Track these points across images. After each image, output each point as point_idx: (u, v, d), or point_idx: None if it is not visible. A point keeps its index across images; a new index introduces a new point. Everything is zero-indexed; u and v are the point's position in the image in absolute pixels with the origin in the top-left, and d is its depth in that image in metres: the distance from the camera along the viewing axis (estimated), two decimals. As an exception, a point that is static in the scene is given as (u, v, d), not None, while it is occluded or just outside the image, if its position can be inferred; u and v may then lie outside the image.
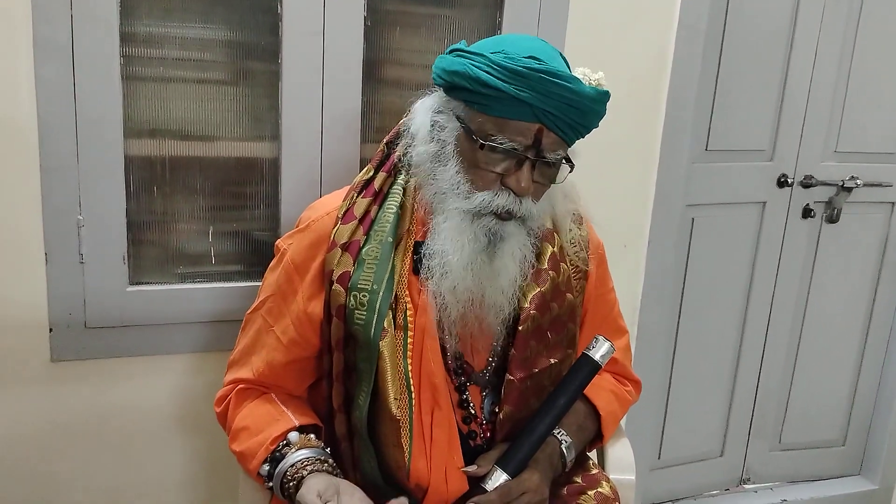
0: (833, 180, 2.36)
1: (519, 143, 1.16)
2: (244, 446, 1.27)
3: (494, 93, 1.14)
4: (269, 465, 1.24)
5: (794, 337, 2.53)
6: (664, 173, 2.02)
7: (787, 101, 2.26)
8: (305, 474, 1.19)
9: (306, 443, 1.25)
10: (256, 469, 1.25)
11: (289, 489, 1.20)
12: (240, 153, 1.64)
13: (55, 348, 1.57)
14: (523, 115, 1.15)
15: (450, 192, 1.20)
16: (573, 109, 1.16)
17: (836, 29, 2.25)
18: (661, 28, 1.92)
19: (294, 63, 1.59)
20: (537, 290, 1.29)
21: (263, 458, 1.24)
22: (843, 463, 2.73)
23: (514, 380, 1.28)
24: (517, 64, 1.13)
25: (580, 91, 1.15)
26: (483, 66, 1.15)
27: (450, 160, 1.21)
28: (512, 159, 1.18)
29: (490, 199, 1.19)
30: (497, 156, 1.18)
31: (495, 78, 1.14)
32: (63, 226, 1.51)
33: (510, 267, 1.23)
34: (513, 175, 1.18)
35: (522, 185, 1.18)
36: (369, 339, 1.21)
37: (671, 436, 2.42)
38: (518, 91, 1.13)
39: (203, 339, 1.67)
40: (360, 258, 1.23)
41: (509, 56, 1.15)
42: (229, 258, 1.69)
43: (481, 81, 1.14)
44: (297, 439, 1.25)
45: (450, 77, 1.19)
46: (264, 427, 1.26)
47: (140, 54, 1.51)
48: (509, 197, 1.19)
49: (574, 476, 1.40)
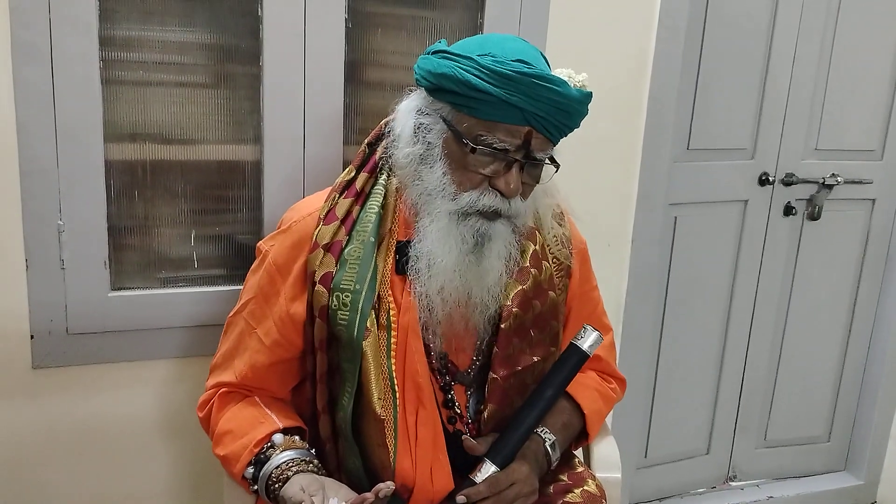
0: (814, 178, 2.38)
1: (509, 145, 1.17)
2: (228, 450, 1.26)
3: (484, 96, 1.14)
4: (254, 468, 1.23)
5: (777, 334, 2.54)
6: (646, 172, 2.03)
7: (768, 99, 2.27)
8: (291, 475, 1.19)
9: (291, 444, 1.25)
10: (241, 472, 1.24)
11: (274, 490, 1.19)
12: (221, 156, 1.63)
13: (37, 355, 1.55)
14: (513, 118, 1.16)
15: (436, 194, 1.21)
16: (560, 112, 1.17)
17: (816, 27, 2.27)
18: (642, 28, 1.93)
19: (275, 65, 1.59)
20: (519, 287, 1.30)
21: (248, 461, 1.23)
22: (829, 459, 2.74)
23: (498, 378, 1.29)
24: (507, 68, 1.13)
25: (568, 94, 1.17)
26: (472, 70, 1.15)
27: (436, 162, 1.21)
28: (500, 161, 1.19)
29: (476, 198, 1.19)
30: (486, 158, 1.18)
31: (484, 82, 1.14)
32: (43, 231, 1.50)
33: (497, 266, 1.24)
34: (501, 177, 1.19)
35: (512, 186, 1.18)
36: (352, 339, 1.21)
37: (657, 434, 2.43)
38: (508, 95, 1.14)
39: (186, 344, 1.66)
40: (342, 258, 1.23)
41: (497, 59, 1.15)
42: (212, 262, 1.68)
43: (470, 85, 1.14)
44: (281, 441, 1.24)
45: (436, 79, 1.19)
46: (248, 430, 1.26)
47: (120, 58, 1.50)
48: (496, 197, 1.20)
49: (560, 474, 1.40)
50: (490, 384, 1.29)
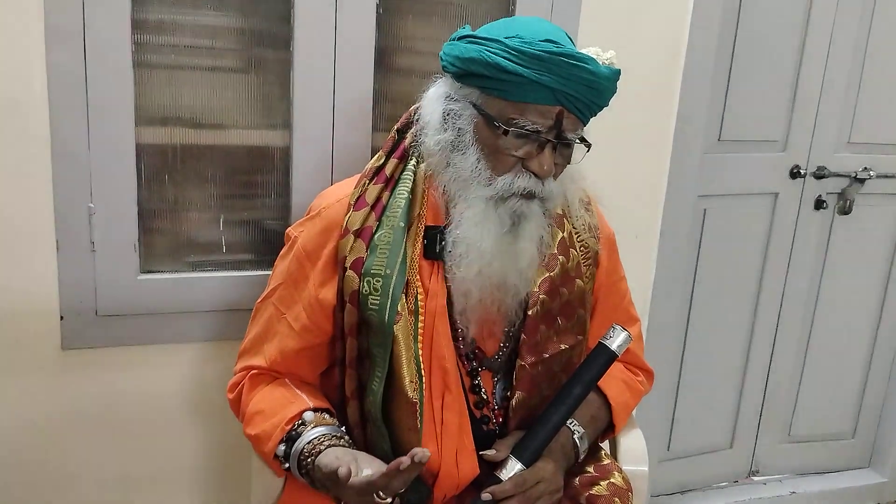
0: (846, 171, 2.35)
1: (541, 126, 1.17)
2: (259, 429, 1.27)
3: (514, 78, 1.14)
4: (286, 445, 1.23)
5: (804, 329, 2.52)
6: (676, 164, 2.01)
7: (801, 91, 2.24)
8: (323, 448, 1.19)
9: (322, 420, 1.25)
10: (273, 450, 1.24)
11: (307, 466, 1.20)
12: (251, 141, 1.63)
13: (66, 336, 1.57)
14: (543, 98, 1.16)
15: (471, 180, 1.21)
16: (591, 90, 1.17)
17: (851, 19, 2.23)
18: (676, 16, 1.90)
19: (306, 51, 1.58)
20: (546, 274, 1.30)
21: (280, 439, 1.24)
22: (853, 455, 2.72)
23: (526, 365, 1.29)
24: (536, 48, 1.14)
25: (597, 72, 1.17)
26: (500, 52, 1.15)
27: (468, 148, 1.21)
28: (533, 143, 1.19)
29: (511, 181, 1.20)
30: (518, 140, 1.18)
31: (514, 63, 1.14)
32: (74, 213, 1.51)
33: (530, 248, 1.24)
34: (535, 158, 1.19)
35: (545, 167, 1.19)
36: (383, 323, 1.21)
37: (680, 427, 2.42)
38: (539, 75, 1.14)
39: (213, 328, 1.66)
40: (372, 244, 1.24)
41: (525, 41, 1.15)
42: (240, 247, 1.68)
43: (500, 67, 1.14)
44: (312, 418, 1.25)
45: (464, 64, 1.19)
46: (279, 410, 1.27)
47: (152, 41, 1.51)
48: (530, 179, 1.20)
49: (586, 466, 1.40)
50: (518, 371, 1.29)
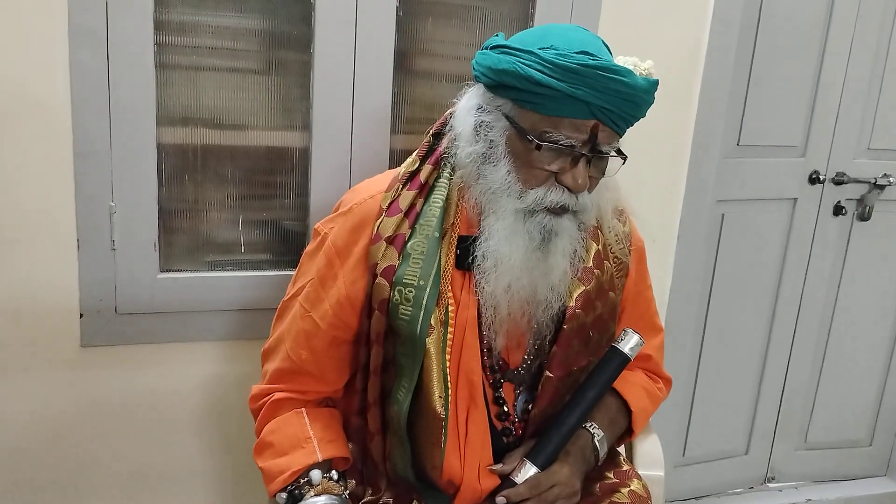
0: (865, 178, 2.33)
1: (575, 140, 1.13)
2: (266, 464, 1.26)
3: (548, 91, 1.10)
4: (287, 498, 1.22)
5: (822, 335, 2.50)
6: (695, 168, 2.00)
7: (821, 96, 2.22)
8: None
9: (327, 488, 1.22)
10: (274, 493, 1.23)
11: None
12: (271, 142, 1.64)
13: (86, 334, 1.58)
14: (578, 112, 1.11)
15: (501, 192, 1.17)
16: (628, 103, 1.13)
17: (872, 24, 2.21)
18: (696, 20, 1.89)
19: (326, 53, 1.59)
20: (582, 288, 1.27)
21: (281, 488, 1.22)
22: (870, 463, 2.70)
23: (553, 377, 1.26)
24: (570, 61, 1.09)
25: (635, 84, 1.12)
26: (534, 65, 1.10)
27: (500, 160, 1.17)
28: (567, 157, 1.15)
29: (543, 195, 1.16)
30: (551, 154, 1.14)
31: (548, 76, 1.09)
32: (95, 212, 1.52)
33: (562, 264, 1.20)
34: (568, 172, 1.15)
35: (580, 182, 1.14)
36: (415, 335, 1.18)
37: (696, 433, 2.40)
38: (574, 89, 1.09)
39: (232, 328, 1.67)
40: (405, 252, 1.20)
41: (560, 52, 1.11)
42: (259, 247, 1.69)
43: (534, 80, 1.10)
44: (318, 480, 1.22)
45: (496, 76, 1.15)
46: (288, 450, 1.24)
47: (174, 42, 1.52)
48: (563, 193, 1.16)
49: (606, 472, 1.38)
50: (544, 383, 1.27)
